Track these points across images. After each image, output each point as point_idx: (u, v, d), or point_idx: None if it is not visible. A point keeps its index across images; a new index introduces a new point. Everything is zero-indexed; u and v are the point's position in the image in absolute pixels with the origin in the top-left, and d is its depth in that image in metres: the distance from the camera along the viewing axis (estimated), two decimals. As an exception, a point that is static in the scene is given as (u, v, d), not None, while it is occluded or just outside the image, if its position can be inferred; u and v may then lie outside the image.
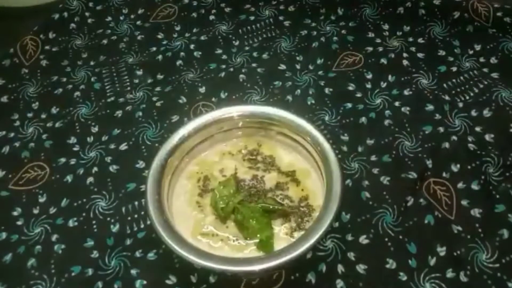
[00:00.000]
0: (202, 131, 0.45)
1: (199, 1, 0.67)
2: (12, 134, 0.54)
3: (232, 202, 0.41)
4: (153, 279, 0.43)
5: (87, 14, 0.66)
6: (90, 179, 0.49)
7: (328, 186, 0.39)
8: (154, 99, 0.56)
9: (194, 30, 0.63)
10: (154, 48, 0.62)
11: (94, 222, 0.46)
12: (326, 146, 0.41)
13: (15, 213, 0.47)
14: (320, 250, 0.43)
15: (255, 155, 0.45)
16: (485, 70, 0.56)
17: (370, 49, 0.59)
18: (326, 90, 0.55)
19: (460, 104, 0.53)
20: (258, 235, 0.40)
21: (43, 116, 0.55)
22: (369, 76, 0.57)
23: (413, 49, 0.59)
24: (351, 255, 0.43)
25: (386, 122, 0.52)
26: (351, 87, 0.56)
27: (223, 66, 0.59)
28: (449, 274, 0.41)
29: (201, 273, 0.42)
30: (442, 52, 0.58)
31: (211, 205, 0.42)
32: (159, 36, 0.63)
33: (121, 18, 0.66)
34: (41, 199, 0.48)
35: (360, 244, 0.43)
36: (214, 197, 0.42)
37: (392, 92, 0.55)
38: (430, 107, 0.53)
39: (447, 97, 0.54)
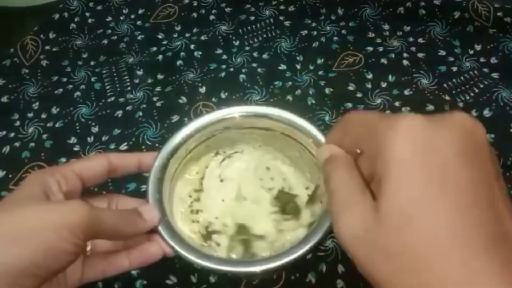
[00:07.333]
0: (202, 131, 0.45)
1: (199, 1, 0.67)
2: (12, 134, 0.54)
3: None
4: (153, 279, 0.43)
5: (87, 14, 0.66)
6: (91, 179, 0.49)
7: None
8: (154, 99, 0.56)
9: (194, 30, 0.63)
10: (154, 48, 0.62)
11: (94, 222, 0.46)
12: (327, 146, 0.41)
13: (15, 213, 0.47)
14: (321, 250, 0.43)
15: (255, 155, 0.45)
16: (486, 70, 0.56)
17: (370, 49, 0.59)
18: (327, 90, 0.55)
19: (461, 104, 0.53)
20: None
21: (43, 116, 0.55)
22: (369, 76, 0.56)
23: (413, 49, 0.59)
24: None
25: (387, 122, 0.52)
26: (351, 87, 0.56)
27: (223, 66, 0.59)
28: (450, 274, 0.41)
29: (201, 273, 0.42)
30: (442, 52, 0.58)
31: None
32: (159, 36, 0.63)
33: (121, 18, 0.66)
34: (42, 199, 0.48)
35: (360, 244, 0.43)
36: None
37: (392, 92, 0.55)
38: (430, 107, 0.53)
39: (447, 97, 0.54)
